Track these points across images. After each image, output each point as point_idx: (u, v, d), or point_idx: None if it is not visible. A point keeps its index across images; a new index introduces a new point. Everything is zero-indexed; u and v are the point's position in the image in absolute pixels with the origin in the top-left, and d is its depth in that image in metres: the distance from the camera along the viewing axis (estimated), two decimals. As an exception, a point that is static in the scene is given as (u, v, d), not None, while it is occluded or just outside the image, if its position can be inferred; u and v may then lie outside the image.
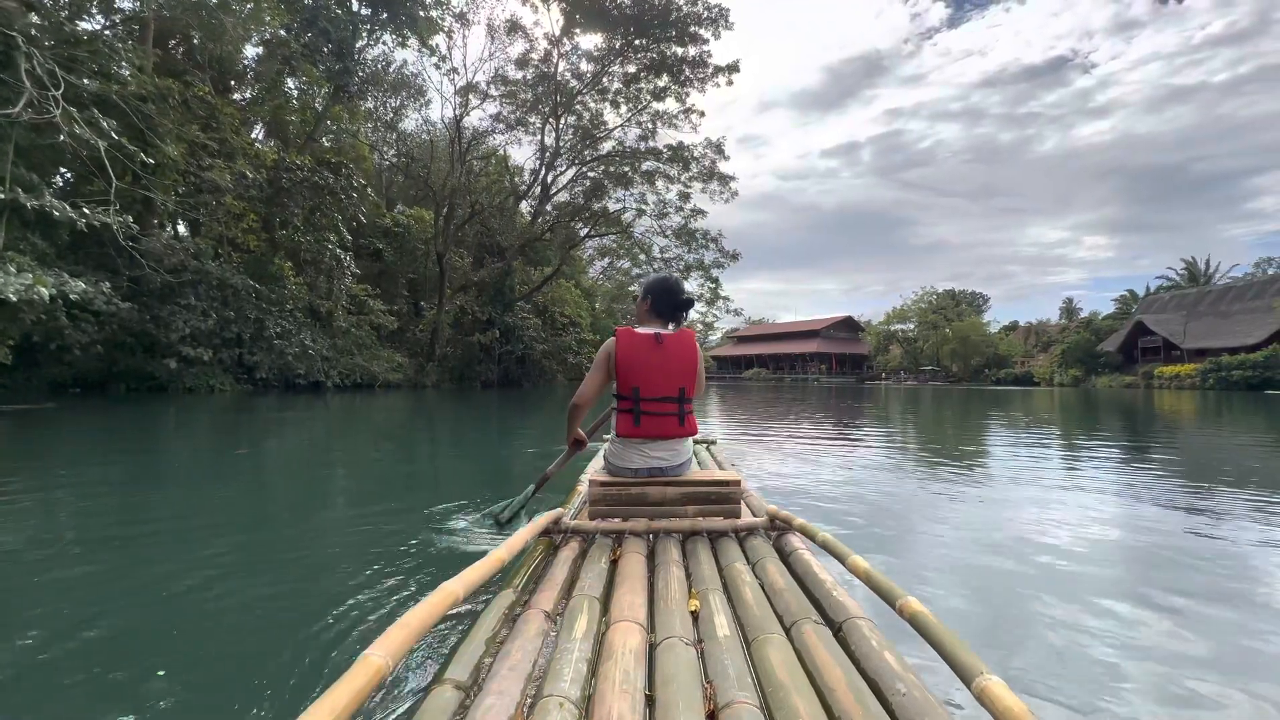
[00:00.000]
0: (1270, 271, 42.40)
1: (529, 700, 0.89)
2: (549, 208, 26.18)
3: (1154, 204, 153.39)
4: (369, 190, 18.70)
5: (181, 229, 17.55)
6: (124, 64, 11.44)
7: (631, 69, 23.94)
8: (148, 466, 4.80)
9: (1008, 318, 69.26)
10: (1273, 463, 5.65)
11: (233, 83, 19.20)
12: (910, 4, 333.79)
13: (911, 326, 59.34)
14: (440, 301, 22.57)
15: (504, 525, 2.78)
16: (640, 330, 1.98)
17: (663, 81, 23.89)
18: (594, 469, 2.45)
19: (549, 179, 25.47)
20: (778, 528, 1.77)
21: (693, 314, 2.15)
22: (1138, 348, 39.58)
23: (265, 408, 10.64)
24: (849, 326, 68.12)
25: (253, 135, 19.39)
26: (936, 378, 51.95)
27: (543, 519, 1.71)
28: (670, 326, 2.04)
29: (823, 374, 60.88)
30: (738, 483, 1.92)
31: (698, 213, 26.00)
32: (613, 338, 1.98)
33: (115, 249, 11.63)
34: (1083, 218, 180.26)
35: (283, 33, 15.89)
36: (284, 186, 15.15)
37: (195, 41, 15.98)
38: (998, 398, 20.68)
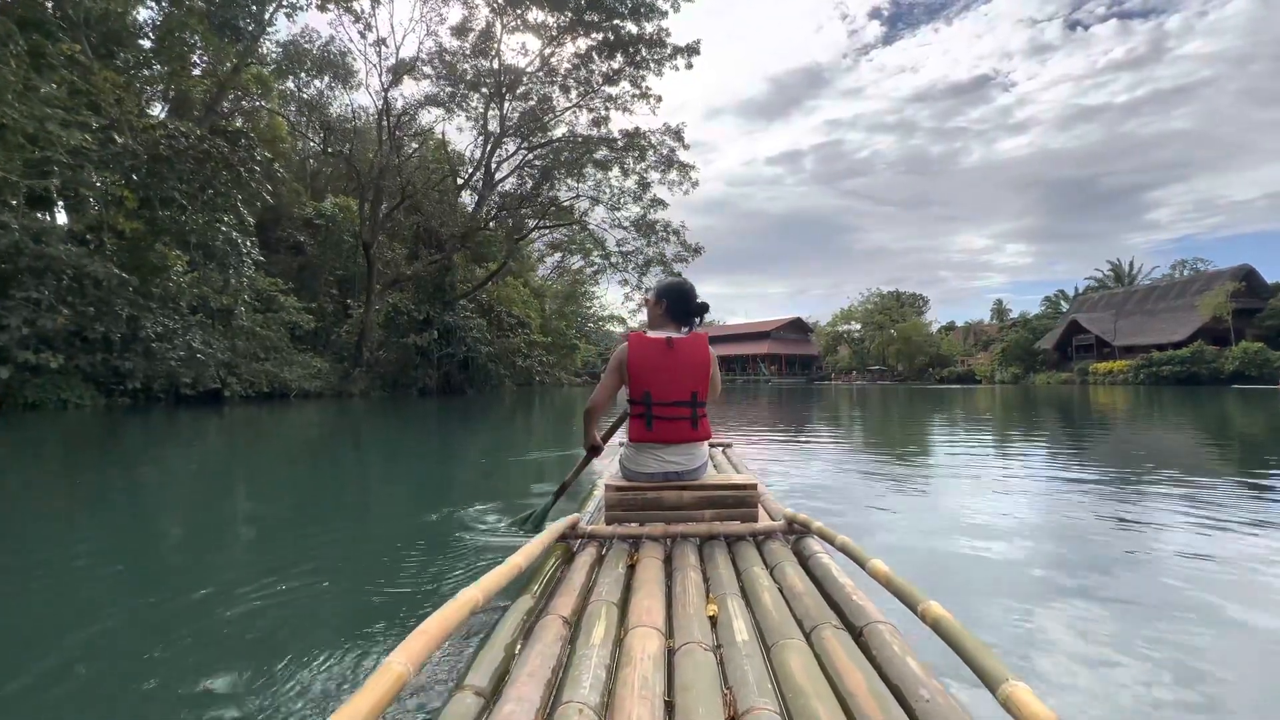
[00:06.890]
0: (1186, 273, 47.35)
1: (548, 706, 0.91)
2: (494, 195, 25.13)
3: (1067, 214, 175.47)
4: (276, 166, 17.11)
5: (62, 218, 15.45)
6: None
7: (582, 46, 22.96)
8: None
9: (943, 319, 76.72)
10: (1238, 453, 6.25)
11: (118, 50, 17.58)
12: (848, 21, 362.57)
13: (858, 327, 62.29)
14: (368, 298, 21.19)
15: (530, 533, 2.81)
16: (652, 335, 2.08)
17: (616, 63, 23.05)
18: (610, 474, 2.51)
19: (493, 163, 24.53)
20: (795, 531, 1.81)
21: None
22: (1072, 345, 43.15)
23: (126, 427, 9.07)
24: (798, 328, 70.56)
25: (156, 114, 17.60)
26: (885, 377, 54.76)
27: (559, 524, 1.75)
28: (683, 330, 2.14)
29: (774, 375, 62.73)
30: (754, 486, 1.96)
31: (658, 203, 25.22)
32: (625, 343, 2.09)
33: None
34: (1005, 226, 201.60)
35: None
36: (162, 154, 13.16)
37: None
38: (948, 396, 21.96)
